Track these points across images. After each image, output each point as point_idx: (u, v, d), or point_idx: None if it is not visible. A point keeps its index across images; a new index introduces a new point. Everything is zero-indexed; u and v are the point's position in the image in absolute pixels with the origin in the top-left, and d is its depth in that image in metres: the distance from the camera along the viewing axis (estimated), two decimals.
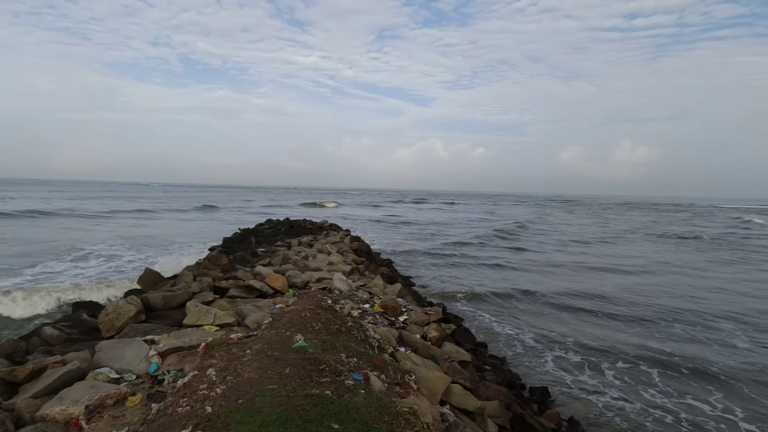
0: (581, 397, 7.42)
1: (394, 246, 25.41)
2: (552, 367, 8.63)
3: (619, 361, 8.91)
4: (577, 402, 7.24)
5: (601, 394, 7.56)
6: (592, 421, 6.68)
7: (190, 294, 7.77)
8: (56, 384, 4.34)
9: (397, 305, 8.84)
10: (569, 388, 7.69)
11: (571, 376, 8.18)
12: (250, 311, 6.99)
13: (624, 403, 7.21)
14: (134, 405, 4.24)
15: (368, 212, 58.63)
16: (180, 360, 5.21)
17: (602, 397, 7.45)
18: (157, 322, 6.63)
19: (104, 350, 5.36)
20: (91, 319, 6.50)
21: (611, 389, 7.72)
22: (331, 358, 4.67)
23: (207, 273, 9.55)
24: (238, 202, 70.71)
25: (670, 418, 6.80)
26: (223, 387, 3.98)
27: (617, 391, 7.67)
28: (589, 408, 7.06)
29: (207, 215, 45.36)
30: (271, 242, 18.30)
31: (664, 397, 7.47)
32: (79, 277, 14.06)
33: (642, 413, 6.91)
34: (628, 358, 9.02)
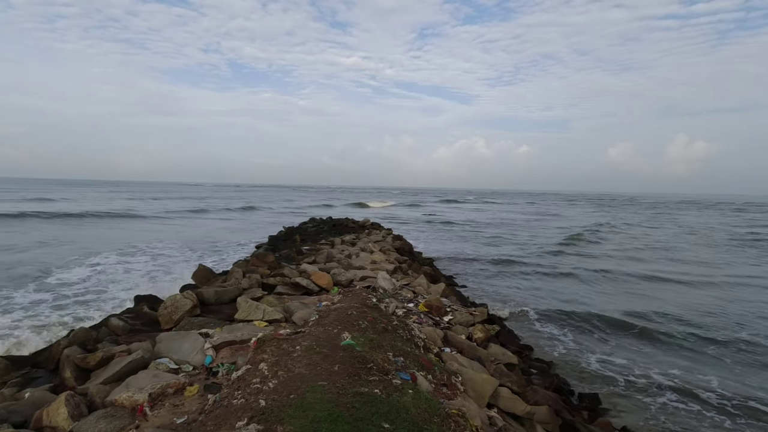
0: (634, 407, 7.06)
1: (435, 246, 25.20)
2: (600, 371, 8.26)
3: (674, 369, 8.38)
4: (630, 413, 6.88)
5: (655, 395, 7.18)
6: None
7: (240, 290, 8.06)
8: (123, 372, 4.63)
9: (441, 305, 8.77)
10: (621, 398, 7.33)
11: (622, 384, 7.80)
12: (297, 308, 7.15)
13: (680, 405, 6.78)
14: (192, 395, 4.45)
15: (409, 212, 58.56)
16: (233, 353, 5.43)
17: (657, 398, 7.07)
18: (211, 316, 6.92)
19: (164, 341, 5.65)
20: (151, 312, 6.91)
21: (664, 394, 7.30)
22: (379, 356, 4.69)
23: (255, 270, 9.88)
24: (281, 202, 72.74)
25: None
26: (275, 381, 4.10)
27: (671, 392, 7.25)
28: (643, 416, 6.71)
29: (253, 214, 46.95)
30: (315, 240, 18.68)
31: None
32: (128, 272, 15.03)
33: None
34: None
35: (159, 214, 38.09)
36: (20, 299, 11.26)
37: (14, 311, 10.12)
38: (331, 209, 56.17)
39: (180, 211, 44.40)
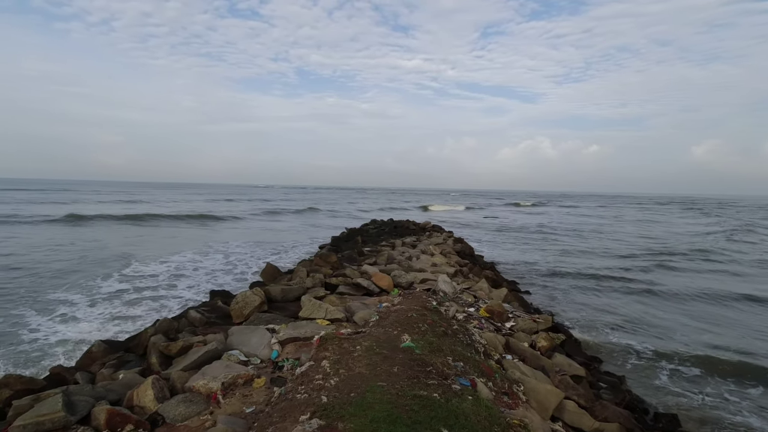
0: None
1: (497, 250, 24.47)
2: (678, 389, 7.55)
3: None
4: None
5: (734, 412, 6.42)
6: None
7: (304, 289, 8.39)
8: (199, 360, 5.01)
9: (503, 310, 8.54)
10: (702, 423, 6.63)
11: (697, 403, 7.06)
12: (358, 308, 7.30)
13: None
14: (260, 387, 4.72)
15: (470, 215, 57.45)
16: (297, 349, 5.66)
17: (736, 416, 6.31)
18: (277, 313, 7.28)
19: (235, 335, 6.03)
20: (224, 306, 7.41)
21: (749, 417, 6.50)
22: (438, 360, 4.67)
23: (319, 269, 10.23)
24: (344, 204, 74.51)
25: None
26: (336, 379, 4.23)
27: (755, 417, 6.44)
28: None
29: (317, 215, 48.56)
30: (376, 242, 18.93)
31: None
32: (201, 270, 16.19)
33: None
34: None
35: (232, 216, 40.59)
36: (106, 288, 12.64)
37: (100, 301, 11.35)
38: (391, 211, 56.65)
39: (251, 212, 47.10)
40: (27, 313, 10.18)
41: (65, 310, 10.39)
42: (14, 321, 9.55)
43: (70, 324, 9.49)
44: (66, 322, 9.59)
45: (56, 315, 10.05)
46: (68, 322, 9.56)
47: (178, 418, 4.11)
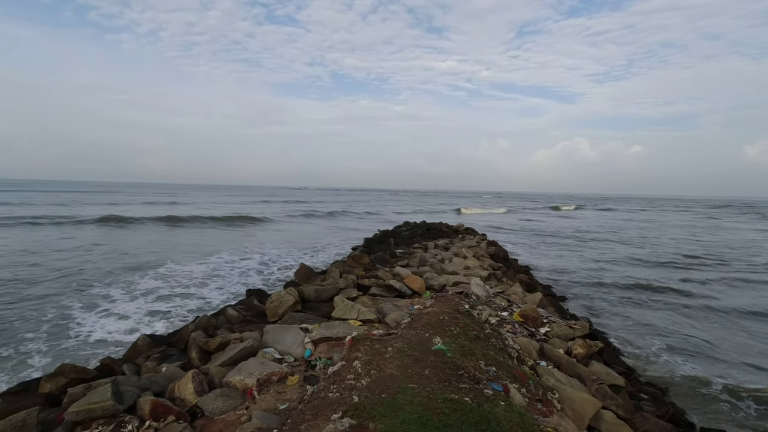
0: None
1: (532, 253, 23.89)
2: (727, 404, 7.13)
3: None
4: None
5: None
6: None
7: (337, 289, 8.51)
8: (236, 357, 5.18)
9: (537, 315, 8.34)
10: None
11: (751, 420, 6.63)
12: (390, 310, 7.34)
13: None
14: (293, 384, 4.83)
15: (504, 217, 56.40)
16: (329, 349, 5.75)
17: None
18: (310, 313, 7.42)
19: (270, 333, 6.19)
20: (260, 305, 7.62)
21: None
22: (470, 364, 4.63)
23: (351, 271, 10.34)
24: (377, 206, 74.82)
25: None
26: (367, 380, 4.27)
27: None
28: None
29: (350, 217, 49.02)
30: (408, 244, 18.93)
31: None
32: (237, 269, 16.67)
33: None
34: None
35: (268, 217, 41.62)
36: (144, 285, 13.27)
37: (139, 297, 11.93)
38: (424, 214, 56.44)
39: (285, 213, 48.14)
40: (73, 306, 10.83)
41: (107, 305, 10.97)
42: (61, 314, 10.17)
43: (110, 318, 10.03)
44: (107, 316, 10.14)
45: (98, 309, 10.64)
46: (108, 317, 10.10)
47: (216, 411, 4.27)
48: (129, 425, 3.81)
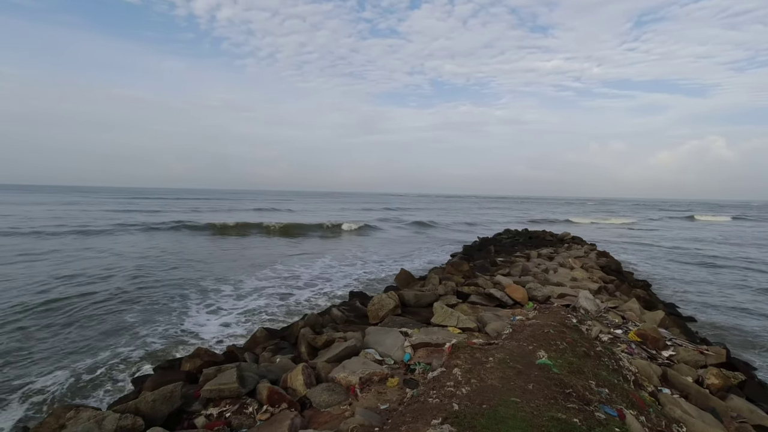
0: None
1: (651, 267, 21.32)
2: None
3: None
4: None
5: None
6: None
7: (436, 295, 8.53)
8: (341, 355, 5.48)
9: (659, 336, 7.44)
10: None
11: None
12: (490, 319, 7.15)
13: None
14: (393, 386, 4.95)
15: (616, 227, 51.21)
16: (428, 354, 5.79)
17: None
18: (410, 317, 7.54)
19: (371, 334, 6.43)
20: (362, 307, 7.96)
21: None
22: (579, 383, 4.32)
23: (450, 278, 10.28)
24: (477, 212, 73.16)
25: None
26: (467, 388, 4.22)
27: None
28: None
29: (449, 223, 48.65)
30: (509, 252, 18.22)
31: None
32: (334, 273, 17.46)
33: None
34: None
35: (368, 224, 43.21)
36: (252, 284, 14.61)
37: (247, 295, 13.15)
38: (525, 222, 53.75)
39: (384, 220, 49.55)
40: (191, 301, 12.35)
41: (218, 302, 12.33)
42: (180, 309, 11.67)
43: (222, 313, 11.26)
44: (217, 312, 11.39)
45: (210, 304, 12.02)
46: (219, 313, 11.34)
47: (322, 404, 4.56)
48: (250, 407, 4.25)
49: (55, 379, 7.30)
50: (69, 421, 3.41)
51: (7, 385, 7.11)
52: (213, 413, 4.15)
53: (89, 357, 8.24)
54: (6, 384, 7.16)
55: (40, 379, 7.32)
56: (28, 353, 8.38)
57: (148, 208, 55.54)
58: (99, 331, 9.71)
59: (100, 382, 7.22)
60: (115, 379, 7.28)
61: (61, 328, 9.88)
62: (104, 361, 8.01)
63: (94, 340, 9.15)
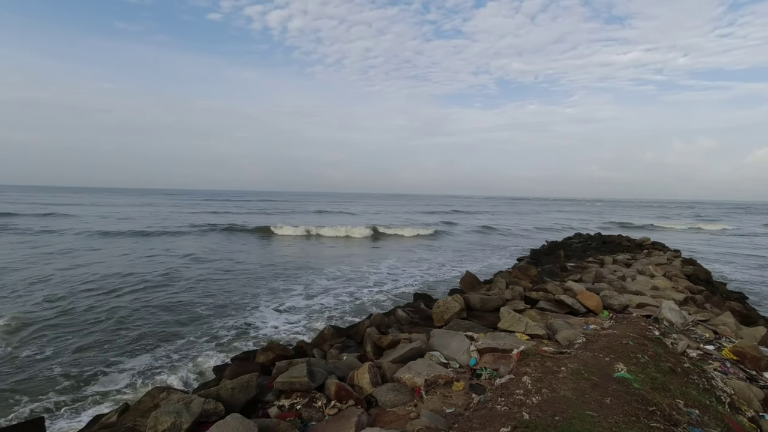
0: None
1: (747, 276, 19.12)
2: None
3: None
4: None
5: None
6: None
7: (503, 300, 8.28)
8: (406, 356, 5.51)
9: (760, 355, 6.64)
10: None
11: None
12: (561, 327, 6.81)
13: None
14: (459, 390, 4.89)
15: (703, 234, 46.50)
16: (495, 360, 5.64)
17: None
18: (475, 321, 7.39)
19: (436, 337, 6.39)
20: (426, 309, 7.93)
21: None
22: (664, 401, 3.99)
23: (517, 282, 9.93)
24: (545, 215, 70.09)
25: None
26: (538, 398, 4.06)
27: None
28: None
29: (513, 226, 47.09)
30: (580, 257, 17.25)
31: None
32: (400, 273, 17.46)
33: None
34: None
35: (433, 226, 43.00)
36: (321, 284, 15.09)
37: (315, 294, 13.58)
38: (597, 226, 50.56)
39: (448, 222, 49.05)
40: (262, 298, 13.00)
41: (288, 300, 12.88)
42: (252, 305, 12.32)
43: (291, 311, 11.74)
44: (287, 310, 11.88)
45: (281, 302, 12.57)
46: (288, 310, 11.83)
47: (388, 403, 4.61)
48: (319, 401, 4.41)
49: (149, 360, 8.19)
50: (162, 401, 3.76)
51: (105, 362, 8.04)
52: (285, 404, 4.36)
53: (171, 344, 9.10)
54: (104, 361, 8.09)
55: (135, 359, 8.19)
56: (123, 337, 9.38)
57: (226, 210, 59.62)
58: (178, 321, 10.61)
59: (183, 364, 7.95)
60: (196, 365, 7.94)
61: (149, 315, 10.95)
62: (185, 348, 8.78)
63: (175, 328, 10.04)
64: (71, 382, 7.29)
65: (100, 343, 9.09)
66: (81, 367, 7.86)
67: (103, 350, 8.70)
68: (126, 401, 4.82)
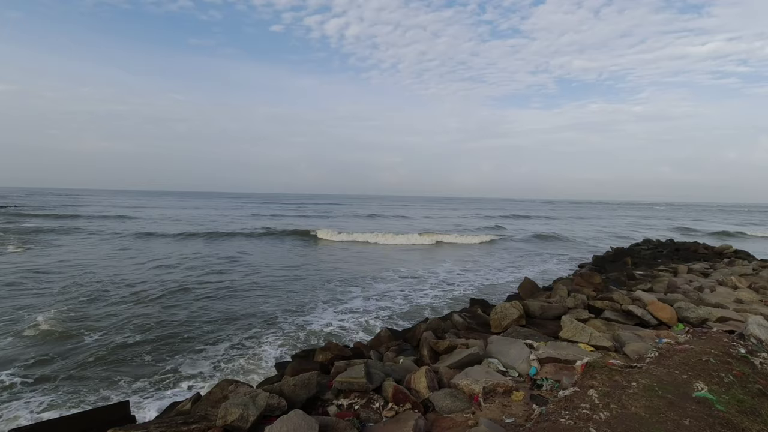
0: None
1: None
2: None
3: None
4: None
5: None
6: None
7: (565, 308, 7.93)
8: (463, 362, 5.42)
9: None
10: None
11: None
12: (630, 339, 6.40)
13: None
14: (518, 400, 4.73)
15: None
16: (556, 371, 5.41)
17: None
18: (535, 329, 7.13)
19: (494, 344, 6.23)
20: (483, 314, 7.77)
21: None
22: (754, 427, 3.63)
23: (580, 290, 9.47)
24: (609, 219, 66.25)
25: None
26: (606, 413, 3.85)
27: None
28: None
29: (573, 231, 44.94)
30: (650, 265, 16.10)
31: None
32: (456, 277, 17.17)
33: None
34: None
35: (489, 230, 42.06)
36: (379, 286, 15.23)
37: (372, 297, 13.69)
38: (669, 230, 46.96)
39: (507, 227, 47.74)
40: (321, 299, 13.31)
41: (346, 301, 13.09)
42: (311, 304, 12.65)
43: (349, 311, 11.93)
44: (345, 311, 12.08)
45: (339, 303, 12.81)
46: (346, 311, 12.02)
47: (445, 409, 4.56)
48: (376, 403, 4.45)
49: (215, 351, 8.78)
50: (230, 393, 3.98)
51: (189, 350, 8.73)
52: (343, 404, 4.45)
53: (236, 336, 9.64)
54: (188, 349, 8.80)
55: (206, 349, 8.78)
56: (196, 329, 10.06)
57: (283, 212, 62.03)
58: (243, 316, 11.18)
59: (244, 356, 8.41)
60: (259, 358, 8.39)
61: (218, 311, 11.64)
62: (247, 343, 9.25)
63: (240, 322, 10.63)
64: (156, 367, 8.01)
65: (182, 332, 9.88)
66: (164, 354, 8.59)
67: (184, 339, 9.47)
68: (198, 391, 5.17)
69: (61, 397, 6.81)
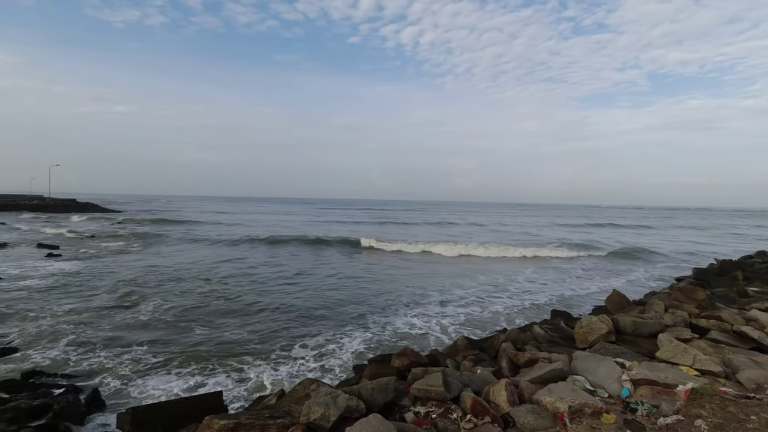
0: None
1: None
2: None
3: None
4: None
5: None
6: None
7: (662, 325, 7.20)
8: (545, 377, 5.13)
9: None
10: None
11: None
12: (745, 365, 5.63)
13: None
14: (609, 423, 4.36)
15: None
16: (654, 395, 4.91)
17: None
18: (626, 347, 6.54)
19: (579, 359, 5.82)
20: (566, 328, 7.30)
21: None
22: None
23: (680, 306, 8.54)
24: (709, 229, 59.40)
25: None
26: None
27: None
28: None
29: (668, 241, 40.92)
30: (765, 281, 14.10)
31: None
32: (538, 286, 16.34)
33: None
34: None
35: (570, 237, 39.73)
36: (457, 293, 14.98)
37: (450, 303, 13.50)
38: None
39: (593, 233, 44.82)
40: (398, 304, 13.39)
41: (423, 307, 13.03)
42: (388, 309, 12.74)
43: (425, 318, 11.87)
44: (421, 316, 12.03)
45: (416, 308, 12.78)
46: (422, 317, 11.97)
47: (527, 426, 4.33)
48: (454, 413, 4.35)
49: (301, 351, 9.28)
50: (312, 392, 4.13)
51: (289, 342, 9.61)
52: (421, 411, 4.41)
53: (319, 337, 10.11)
54: (289, 341, 9.66)
55: (292, 348, 9.30)
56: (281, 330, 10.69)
57: (360, 220, 63.68)
58: (325, 319, 11.63)
59: (329, 356, 8.85)
60: (338, 358, 8.77)
61: (314, 307, 12.36)
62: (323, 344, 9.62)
63: (321, 326, 11.06)
64: (260, 355, 8.78)
65: (283, 327, 10.73)
66: (268, 344, 9.45)
67: (286, 330, 10.32)
68: (282, 389, 5.45)
69: (184, 376, 7.69)
